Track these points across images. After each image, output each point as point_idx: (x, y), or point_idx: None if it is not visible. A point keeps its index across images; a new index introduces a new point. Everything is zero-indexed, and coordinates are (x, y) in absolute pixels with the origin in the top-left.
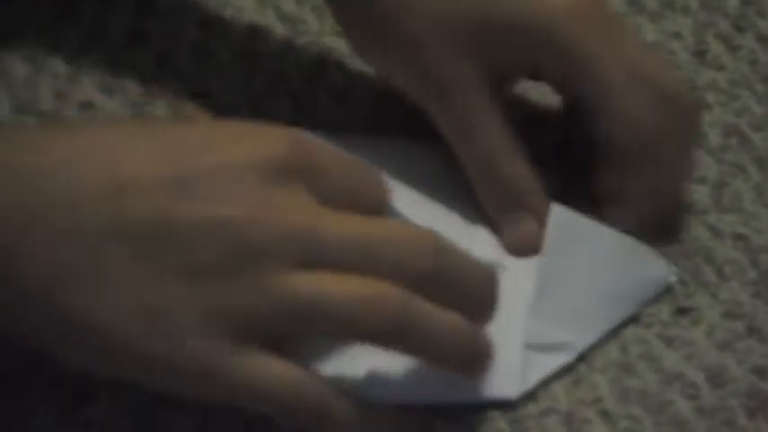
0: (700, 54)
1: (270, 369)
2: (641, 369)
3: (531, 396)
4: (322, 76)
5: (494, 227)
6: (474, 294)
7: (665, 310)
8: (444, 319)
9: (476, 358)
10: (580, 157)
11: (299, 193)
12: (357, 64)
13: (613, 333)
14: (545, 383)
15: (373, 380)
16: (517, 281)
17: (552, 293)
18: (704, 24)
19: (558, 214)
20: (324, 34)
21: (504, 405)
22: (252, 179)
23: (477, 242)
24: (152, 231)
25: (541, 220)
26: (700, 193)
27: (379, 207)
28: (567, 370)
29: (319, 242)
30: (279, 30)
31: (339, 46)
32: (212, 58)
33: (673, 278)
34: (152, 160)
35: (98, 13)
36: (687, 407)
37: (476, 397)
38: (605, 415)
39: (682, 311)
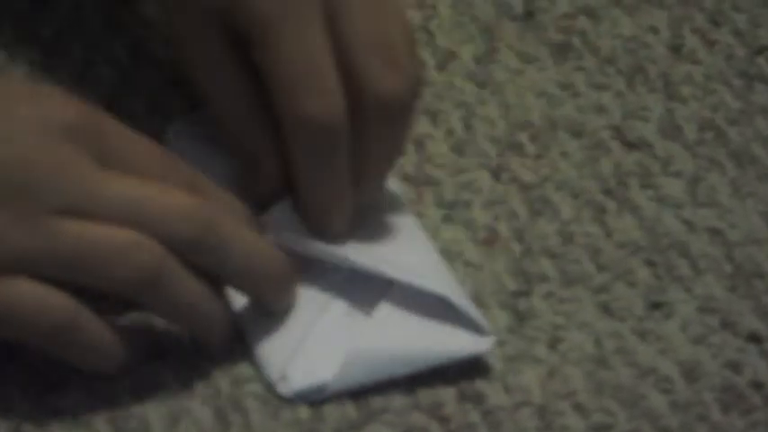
0: (676, 48)
1: (25, 292)
2: (615, 363)
3: (504, 388)
4: None
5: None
6: (242, 270)
7: (639, 304)
8: (191, 286)
9: (210, 327)
10: None
11: (81, 153)
12: None
13: (587, 326)
14: (518, 375)
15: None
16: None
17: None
18: (680, 18)
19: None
20: None
21: (474, 395)
22: (36, 130)
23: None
24: None
25: (270, 177)
26: (675, 187)
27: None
28: (540, 362)
29: (88, 193)
30: None
31: None
32: None
33: (483, 347)
34: None
35: (74, 2)
36: (661, 401)
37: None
38: (579, 408)
39: (655, 306)
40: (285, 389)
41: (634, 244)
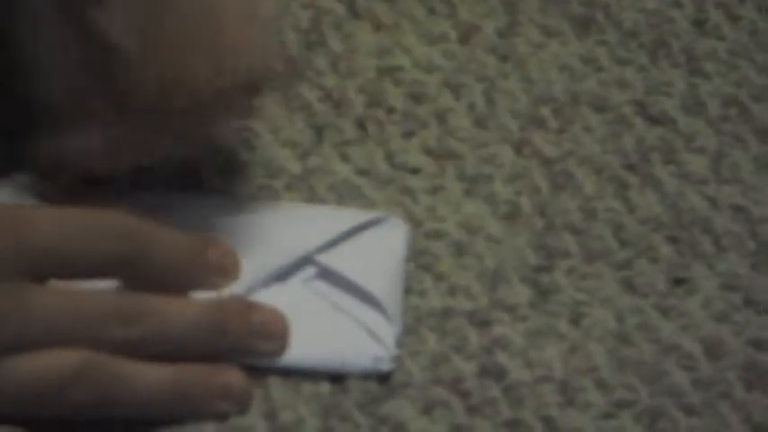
0: (699, 23)
1: None
2: (637, 339)
3: (525, 364)
4: (318, 40)
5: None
6: (186, 342)
7: (662, 280)
8: (149, 377)
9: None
10: None
11: (12, 280)
12: (354, 27)
13: (609, 302)
14: (540, 350)
15: None
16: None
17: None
18: None
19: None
20: None
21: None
22: None
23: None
24: None
25: None
26: (698, 164)
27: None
28: (562, 338)
29: (26, 324)
30: None
31: (336, 8)
32: None
33: (383, 366)
34: None
35: None
36: (684, 378)
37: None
38: (601, 384)
39: (678, 282)
40: (386, 364)
41: (656, 220)
